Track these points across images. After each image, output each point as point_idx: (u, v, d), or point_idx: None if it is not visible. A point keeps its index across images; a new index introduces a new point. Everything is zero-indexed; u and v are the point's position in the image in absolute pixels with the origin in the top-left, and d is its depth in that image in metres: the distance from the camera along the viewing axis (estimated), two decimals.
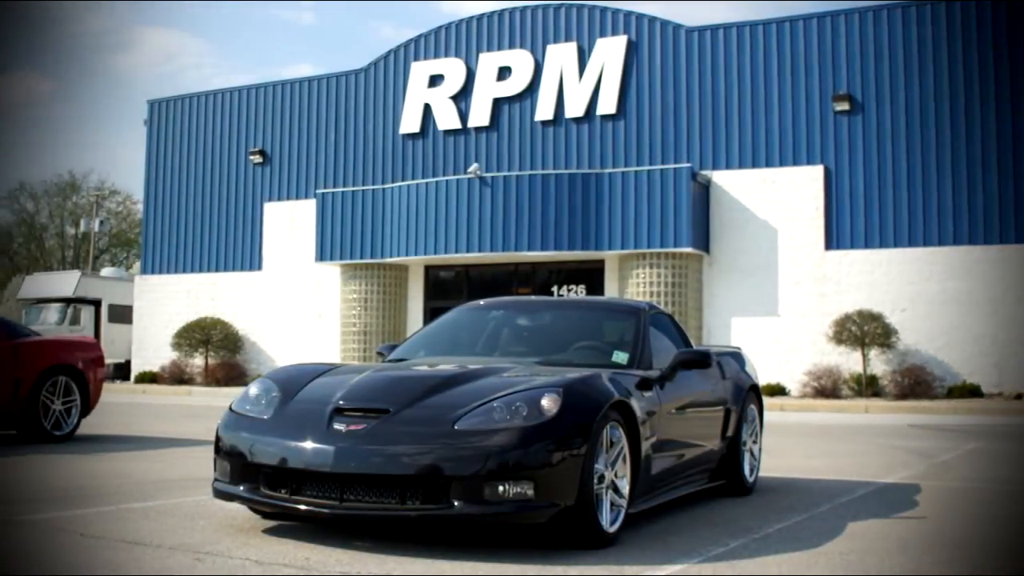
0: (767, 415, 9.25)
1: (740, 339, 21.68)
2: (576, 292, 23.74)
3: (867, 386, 20.74)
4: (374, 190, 25.16)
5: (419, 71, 26.17)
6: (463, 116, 25.55)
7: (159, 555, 4.77)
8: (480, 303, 7.43)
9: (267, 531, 5.41)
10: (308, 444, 5.01)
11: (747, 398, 7.55)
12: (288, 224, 27.62)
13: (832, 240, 21.98)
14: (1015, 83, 20.82)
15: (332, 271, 26.27)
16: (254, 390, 5.64)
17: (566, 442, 4.91)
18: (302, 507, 4.95)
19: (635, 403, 5.53)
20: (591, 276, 23.85)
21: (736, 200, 22.77)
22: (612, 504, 5.22)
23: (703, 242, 22.60)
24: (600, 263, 23.60)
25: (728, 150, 23.06)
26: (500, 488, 4.76)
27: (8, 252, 58.31)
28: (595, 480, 5.03)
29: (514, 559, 4.79)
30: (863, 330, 20.61)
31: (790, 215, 22.31)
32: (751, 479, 7.45)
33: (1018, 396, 19.58)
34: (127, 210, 58.74)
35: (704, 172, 22.97)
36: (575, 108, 24.31)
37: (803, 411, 18.98)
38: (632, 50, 24.07)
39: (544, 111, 24.64)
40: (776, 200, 22.47)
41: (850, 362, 21.14)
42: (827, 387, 20.79)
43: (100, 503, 6.29)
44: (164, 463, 8.75)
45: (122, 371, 30.91)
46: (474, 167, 23.59)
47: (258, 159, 28.28)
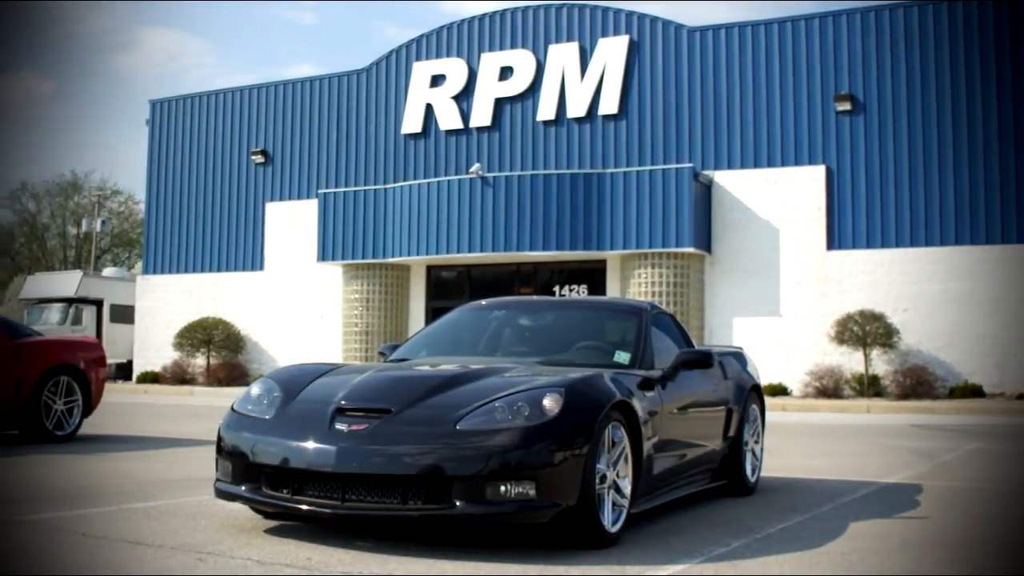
0: (769, 415, 9.25)
1: (742, 339, 21.68)
2: (578, 292, 23.74)
3: (869, 386, 20.73)
4: (376, 190, 25.17)
5: (421, 71, 26.17)
6: (465, 116, 25.55)
7: (161, 555, 4.77)
8: (482, 303, 7.43)
9: (269, 531, 5.41)
10: (310, 444, 5.02)
11: (749, 398, 7.54)
12: (290, 224, 27.63)
13: (834, 240, 21.98)
14: (1017, 83, 20.81)
15: (334, 271, 26.28)
16: (256, 390, 5.64)
17: (568, 442, 4.91)
18: (304, 507, 4.96)
19: (637, 403, 5.53)
20: (593, 276, 23.84)
21: (738, 200, 22.77)
22: (614, 504, 5.22)
23: (705, 242, 22.59)
24: (602, 263, 23.59)
25: (730, 150, 23.06)
26: (502, 488, 4.76)
27: (10, 252, 58.32)
28: (597, 480, 5.03)
29: (516, 559, 4.79)
30: (865, 330, 20.61)
31: (792, 215, 22.31)
32: (753, 479, 7.45)
33: (1020, 396, 19.56)
34: (129, 210, 58.77)
35: (706, 172, 22.96)
36: (577, 108, 24.31)
37: (805, 411, 18.97)
38: (634, 50, 24.06)
39: (546, 111, 24.64)
40: (778, 200, 22.47)
41: (852, 362, 21.13)
42: (829, 387, 20.78)
43: (102, 503, 6.29)
44: (166, 463, 8.75)
45: (124, 371, 30.91)
46: (476, 167, 23.59)
47: (260, 159, 28.29)
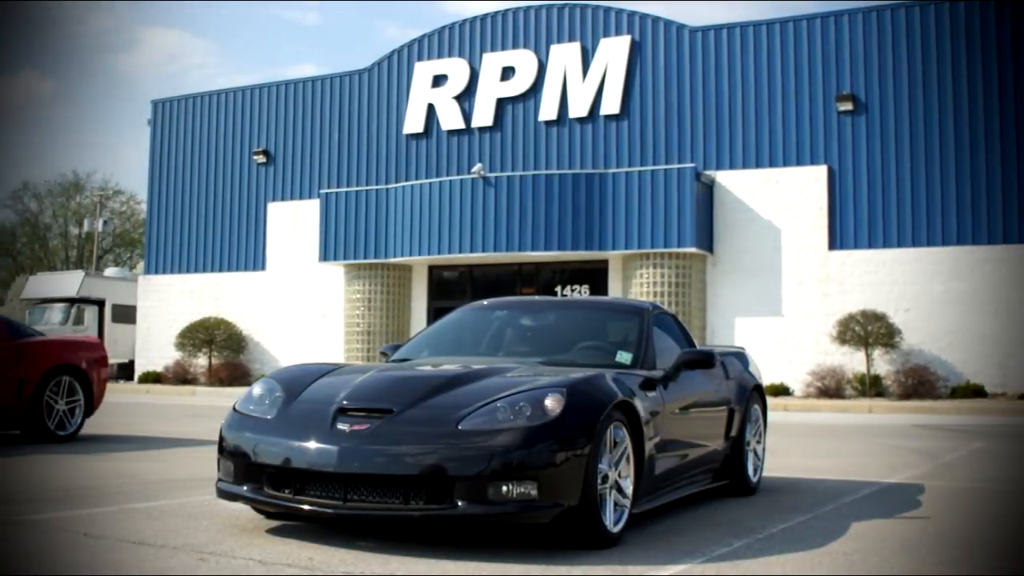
0: (771, 415, 9.25)
1: (744, 339, 21.68)
2: (580, 292, 23.73)
3: (871, 386, 20.72)
4: (378, 190, 25.17)
5: (423, 71, 26.17)
6: (467, 116, 25.54)
7: (162, 555, 4.77)
8: (484, 303, 7.42)
9: (271, 531, 5.41)
10: (312, 444, 5.01)
11: (751, 398, 7.54)
12: (292, 224, 27.64)
13: (836, 240, 21.97)
14: (1019, 82, 20.78)
15: (336, 271, 26.28)
16: (258, 390, 5.64)
17: (570, 442, 4.91)
18: (306, 507, 4.95)
19: (639, 403, 5.52)
20: (595, 276, 23.84)
21: (740, 200, 22.76)
22: (616, 504, 5.22)
23: (707, 242, 22.59)
24: (604, 263, 23.59)
25: (732, 150, 23.05)
26: (504, 488, 4.76)
27: (12, 252, 58.35)
28: (599, 480, 5.03)
29: (518, 559, 4.78)
30: (867, 330, 20.60)
31: (794, 215, 22.29)
32: (755, 479, 7.45)
33: (1021, 396, 19.54)
34: (131, 210, 58.78)
35: (708, 172, 22.95)
36: (579, 108, 24.30)
37: (807, 411, 18.97)
38: (636, 50, 24.05)
39: (548, 111, 24.63)
40: (780, 200, 22.46)
41: (854, 362, 21.12)
42: (831, 387, 20.77)
43: (103, 503, 6.29)
44: (167, 463, 8.76)
45: (126, 371, 30.93)
46: (478, 167, 23.59)
47: (262, 159, 28.29)
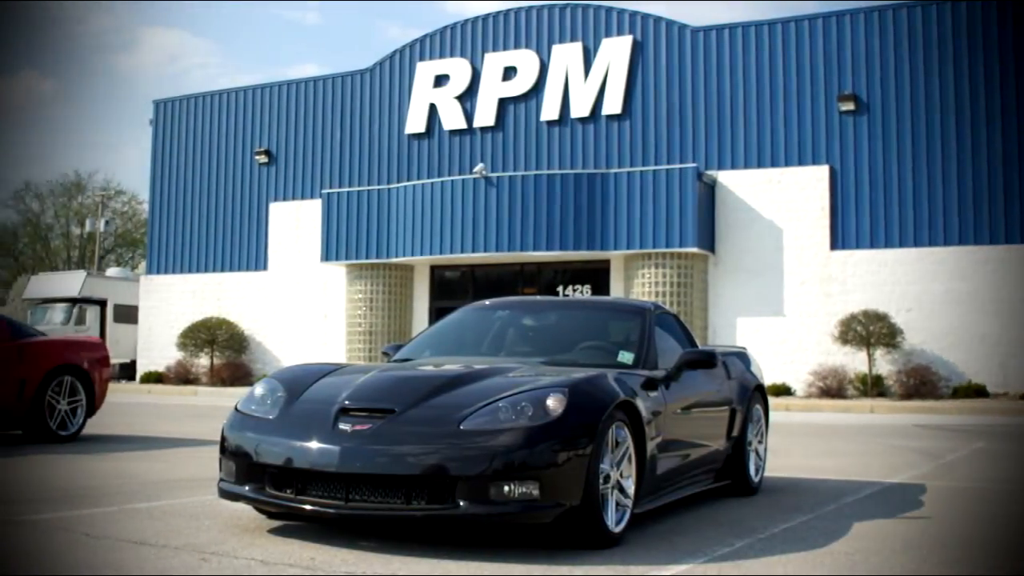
0: (772, 415, 9.23)
1: (745, 339, 21.67)
2: (581, 292, 23.73)
3: (872, 386, 20.71)
4: (379, 190, 25.18)
5: (424, 71, 26.17)
6: (468, 116, 25.54)
7: (164, 555, 4.77)
8: (485, 303, 7.42)
9: (272, 531, 5.41)
10: (313, 444, 5.01)
11: (752, 398, 7.54)
12: (293, 224, 27.65)
13: (837, 240, 21.96)
14: (1021, 82, 20.77)
15: (338, 271, 26.28)
16: (259, 390, 5.64)
17: (572, 442, 4.91)
18: (307, 507, 4.95)
19: (640, 403, 5.52)
20: (596, 276, 23.84)
21: (741, 200, 22.75)
22: (617, 504, 5.22)
23: (708, 242, 22.58)
24: (606, 263, 23.59)
25: (733, 150, 23.04)
26: (505, 488, 4.76)
27: (13, 252, 58.37)
28: (600, 480, 5.03)
29: (519, 559, 4.78)
30: (868, 330, 20.59)
31: (795, 215, 22.29)
32: (756, 479, 7.44)
33: (1023, 396, 19.54)
34: (132, 210, 58.77)
35: (709, 172, 22.95)
36: (581, 108, 24.30)
37: (808, 411, 18.97)
38: (638, 50, 24.05)
39: (550, 111, 24.63)
40: (781, 200, 22.45)
41: (855, 362, 21.12)
42: (832, 387, 20.77)
43: (104, 503, 6.29)
44: (169, 463, 8.76)
45: (127, 371, 30.96)
46: (480, 167, 23.59)
47: (263, 159, 28.30)
